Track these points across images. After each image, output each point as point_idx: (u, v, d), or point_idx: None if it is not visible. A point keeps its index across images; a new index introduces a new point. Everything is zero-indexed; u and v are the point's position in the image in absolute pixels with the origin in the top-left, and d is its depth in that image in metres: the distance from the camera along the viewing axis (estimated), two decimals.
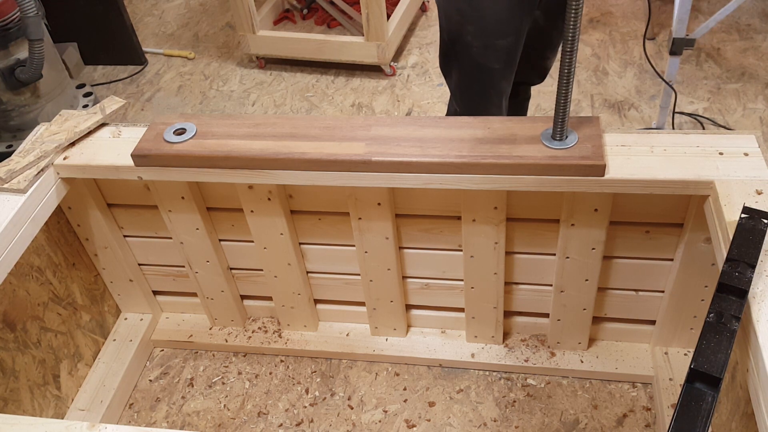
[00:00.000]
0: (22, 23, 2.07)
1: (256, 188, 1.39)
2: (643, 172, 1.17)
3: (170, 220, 1.50)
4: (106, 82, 2.92)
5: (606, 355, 1.59)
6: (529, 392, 1.57)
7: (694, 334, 1.49)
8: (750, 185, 1.12)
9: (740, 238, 0.98)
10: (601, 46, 2.78)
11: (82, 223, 1.54)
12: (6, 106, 2.28)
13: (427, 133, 1.27)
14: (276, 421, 1.57)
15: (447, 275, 1.54)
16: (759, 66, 2.57)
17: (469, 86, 1.39)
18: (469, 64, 1.41)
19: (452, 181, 1.23)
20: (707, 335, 0.88)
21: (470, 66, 1.41)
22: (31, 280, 1.44)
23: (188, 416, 1.60)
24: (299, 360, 1.70)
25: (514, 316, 1.63)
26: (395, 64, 2.80)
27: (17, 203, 1.26)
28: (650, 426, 1.48)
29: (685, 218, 1.30)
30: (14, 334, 1.40)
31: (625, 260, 1.42)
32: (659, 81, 2.51)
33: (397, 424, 1.54)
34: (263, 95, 2.73)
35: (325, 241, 1.52)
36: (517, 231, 1.41)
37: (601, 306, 1.53)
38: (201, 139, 1.32)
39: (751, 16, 2.86)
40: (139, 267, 1.68)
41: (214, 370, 1.70)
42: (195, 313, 1.79)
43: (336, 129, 1.31)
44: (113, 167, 1.34)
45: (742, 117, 2.35)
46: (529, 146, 1.21)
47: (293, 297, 1.64)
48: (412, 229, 1.45)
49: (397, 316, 1.63)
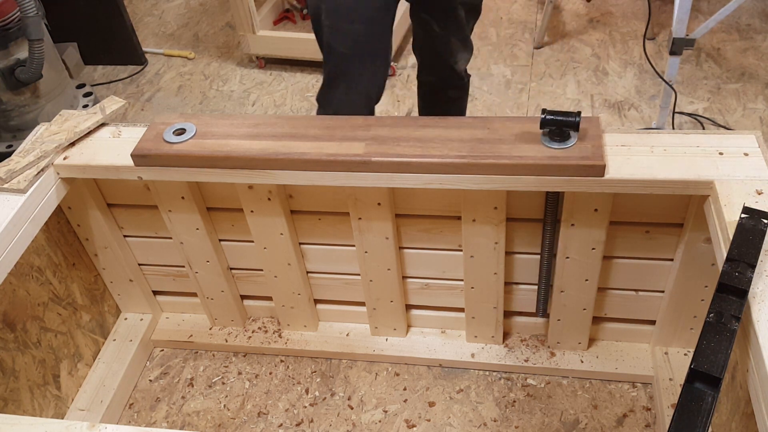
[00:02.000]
0: (22, 23, 2.07)
1: (256, 188, 1.39)
2: (643, 172, 1.17)
3: (170, 220, 1.50)
4: (106, 82, 2.92)
5: (606, 355, 1.59)
6: (529, 392, 1.57)
7: (694, 334, 1.49)
8: (750, 185, 1.12)
9: (740, 238, 0.98)
10: (601, 46, 2.78)
11: (82, 223, 1.54)
12: (6, 106, 2.27)
13: (427, 133, 1.27)
14: (276, 421, 1.57)
15: (447, 275, 1.54)
16: (759, 66, 2.57)
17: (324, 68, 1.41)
18: (321, 43, 1.44)
19: (452, 181, 1.23)
20: (707, 335, 0.88)
21: (322, 45, 1.44)
22: (31, 280, 1.44)
23: (188, 416, 1.60)
24: (299, 360, 1.70)
25: (514, 316, 1.63)
26: (395, 64, 2.80)
27: (17, 203, 1.26)
28: (650, 426, 1.48)
29: (685, 218, 1.30)
30: (14, 334, 1.40)
31: (625, 260, 1.42)
32: (659, 81, 2.51)
33: (397, 424, 1.54)
34: (263, 95, 2.73)
35: (325, 241, 1.52)
36: (517, 231, 1.41)
37: (601, 306, 1.53)
38: (201, 139, 1.32)
39: (751, 16, 2.86)
40: (139, 267, 1.68)
41: (214, 370, 1.70)
42: (195, 313, 1.79)
43: (336, 129, 1.31)
44: (113, 167, 1.34)
45: (742, 117, 2.35)
46: (529, 146, 1.21)
47: (293, 297, 1.64)
48: (412, 229, 1.46)
49: (397, 316, 1.63)
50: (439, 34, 1.65)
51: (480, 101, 2.56)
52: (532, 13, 3.07)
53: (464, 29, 1.69)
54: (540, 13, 3.03)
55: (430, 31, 1.65)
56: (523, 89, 2.59)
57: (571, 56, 2.75)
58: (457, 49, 1.70)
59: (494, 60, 2.78)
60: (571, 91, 2.56)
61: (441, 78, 1.81)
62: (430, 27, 1.65)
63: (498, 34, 2.94)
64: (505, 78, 2.67)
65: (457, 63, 1.73)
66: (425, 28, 1.67)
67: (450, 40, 1.67)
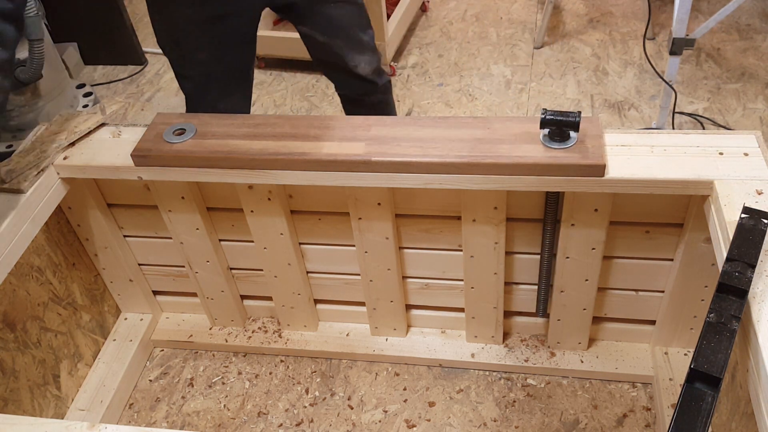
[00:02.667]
0: None
1: (256, 188, 1.39)
2: (643, 172, 1.17)
3: (170, 220, 1.50)
4: (106, 82, 2.92)
5: (606, 355, 1.59)
6: (529, 392, 1.57)
7: (694, 334, 1.49)
8: (750, 185, 1.12)
9: (740, 238, 0.98)
10: (601, 46, 2.79)
11: (82, 223, 1.54)
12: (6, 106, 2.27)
13: (427, 133, 1.27)
14: (276, 421, 1.57)
15: (447, 275, 1.54)
16: (759, 66, 2.57)
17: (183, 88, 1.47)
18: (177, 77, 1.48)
19: (452, 181, 1.23)
20: (707, 335, 0.88)
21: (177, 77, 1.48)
22: (31, 280, 1.44)
23: (188, 416, 1.60)
24: (299, 360, 1.70)
25: (514, 316, 1.63)
26: (395, 64, 2.80)
27: (17, 203, 1.26)
28: (650, 426, 1.48)
29: (685, 218, 1.30)
30: (14, 334, 1.40)
31: (625, 260, 1.42)
32: (659, 81, 2.52)
33: (397, 424, 1.54)
34: (263, 95, 2.73)
35: (325, 241, 1.52)
36: (517, 231, 1.41)
37: (601, 306, 1.53)
38: (201, 139, 1.32)
39: (751, 16, 2.86)
40: (139, 267, 1.68)
41: (214, 370, 1.70)
42: (195, 313, 1.79)
43: (336, 129, 1.31)
44: (113, 167, 1.34)
45: (742, 117, 2.35)
46: (529, 146, 1.21)
47: (293, 297, 1.64)
48: (412, 229, 1.46)
49: (397, 316, 1.63)
50: (325, 43, 1.62)
51: (480, 101, 2.56)
52: (532, 13, 3.07)
53: (349, 29, 1.64)
54: (540, 13, 3.04)
55: (317, 44, 1.63)
56: (523, 89, 2.59)
57: (571, 56, 2.75)
58: (350, 52, 1.65)
59: (494, 60, 2.78)
60: (571, 91, 2.56)
61: (352, 88, 1.76)
62: (314, 39, 1.62)
63: (498, 34, 2.94)
64: (505, 78, 2.67)
65: (357, 68, 1.67)
66: (312, 42, 1.64)
67: (337, 45, 1.63)
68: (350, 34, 1.64)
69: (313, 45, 1.66)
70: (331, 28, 1.61)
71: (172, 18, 1.50)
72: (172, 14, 1.49)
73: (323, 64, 1.74)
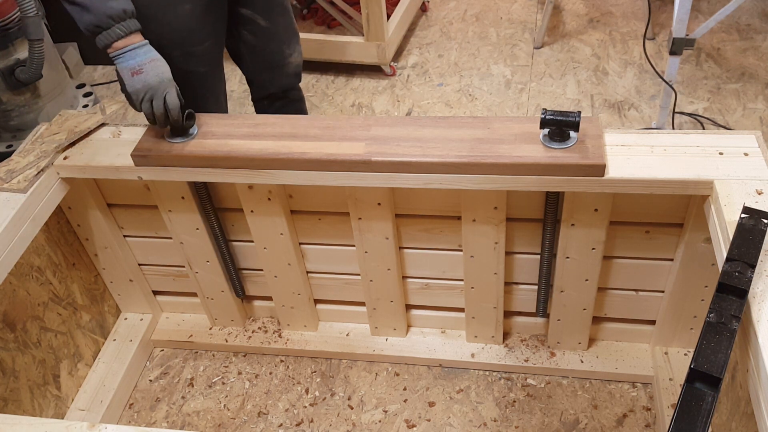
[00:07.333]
0: (22, 23, 2.07)
1: (256, 188, 1.39)
2: (643, 172, 1.17)
3: (170, 220, 1.50)
4: (106, 82, 2.91)
5: (606, 355, 1.59)
6: (529, 392, 1.57)
7: (694, 334, 1.49)
8: (750, 185, 1.12)
9: (740, 238, 0.98)
10: (601, 46, 2.78)
11: (82, 223, 1.54)
12: (6, 106, 2.28)
13: (427, 133, 1.27)
14: (276, 421, 1.57)
15: (447, 275, 1.54)
16: (759, 66, 2.57)
17: (184, 91, 1.42)
18: (176, 72, 1.43)
19: (452, 181, 1.23)
20: (707, 335, 0.88)
21: (177, 73, 1.43)
22: (31, 280, 1.44)
23: (188, 416, 1.60)
24: (299, 360, 1.70)
25: (514, 316, 1.63)
26: (395, 64, 2.80)
27: (17, 203, 1.26)
28: (650, 426, 1.48)
29: (685, 218, 1.30)
30: (14, 334, 1.40)
31: (625, 260, 1.42)
32: (659, 81, 2.52)
33: (397, 424, 1.54)
34: None
35: (325, 241, 1.52)
36: (517, 231, 1.41)
37: (601, 306, 1.53)
38: (201, 139, 1.32)
39: (751, 16, 2.86)
40: (139, 267, 1.68)
41: (214, 370, 1.70)
42: (195, 313, 1.79)
43: (336, 129, 1.31)
44: (113, 167, 1.34)
45: (742, 117, 2.35)
46: (529, 146, 1.21)
47: (293, 297, 1.64)
48: (412, 229, 1.45)
49: (397, 316, 1.63)
50: (267, 27, 1.58)
51: (480, 101, 2.56)
52: (532, 13, 3.07)
53: (289, 10, 1.62)
54: (540, 13, 3.03)
55: (257, 30, 1.58)
56: (523, 89, 2.59)
57: (571, 56, 2.75)
58: (291, 37, 1.64)
59: (494, 60, 2.78)
60: (571, 91, 2.56)
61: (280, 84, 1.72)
62: (255, 24, 1.58)
63: (498, 34, 2.94)
64: (505, 78, 2.67)
65: (291, 56, 1.66)
66: (250, 28, 1.59)
67: (280, 30, 1.60)
68: (290, 14, 1.64)
69: (252, 33, 1.60)
70: (276, 9, 1.59)
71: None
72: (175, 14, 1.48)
73: (255, 58, 1.67)
